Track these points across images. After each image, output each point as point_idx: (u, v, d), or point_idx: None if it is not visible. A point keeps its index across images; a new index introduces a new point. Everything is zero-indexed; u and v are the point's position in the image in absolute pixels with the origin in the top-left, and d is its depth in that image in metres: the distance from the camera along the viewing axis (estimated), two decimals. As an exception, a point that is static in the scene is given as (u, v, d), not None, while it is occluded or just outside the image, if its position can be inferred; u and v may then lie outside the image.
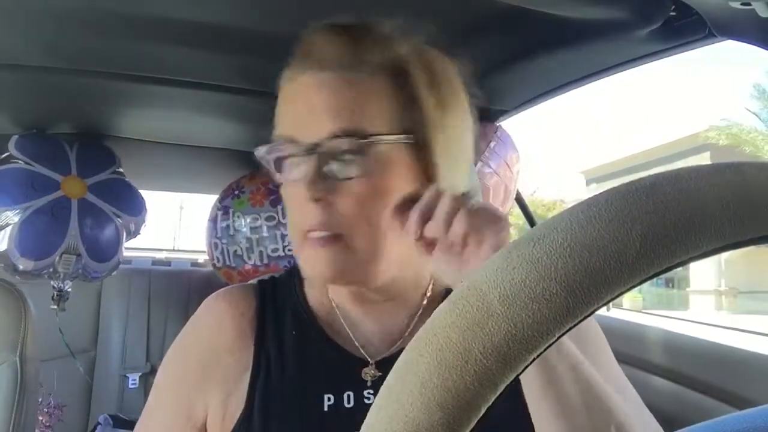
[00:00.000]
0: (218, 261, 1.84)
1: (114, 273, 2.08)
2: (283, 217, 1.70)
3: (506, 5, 0.96)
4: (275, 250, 1.77)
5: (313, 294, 0.72)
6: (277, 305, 0.71)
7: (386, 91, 0.62)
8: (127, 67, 1.33)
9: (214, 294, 0.73)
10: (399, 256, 0.64)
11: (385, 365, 0.66)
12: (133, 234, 1.80)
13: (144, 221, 1.82)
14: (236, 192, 1.86)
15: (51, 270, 1.60)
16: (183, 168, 2.13)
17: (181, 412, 0.67)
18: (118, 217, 1.71)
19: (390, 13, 0.66)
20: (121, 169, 1.78)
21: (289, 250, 1.75)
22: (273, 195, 1.75)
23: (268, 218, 1.76)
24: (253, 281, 0.75)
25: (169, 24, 1.12)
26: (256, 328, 0.68)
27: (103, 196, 1.69)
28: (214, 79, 1.40)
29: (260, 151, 0.65)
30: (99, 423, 1.73)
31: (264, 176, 1.82)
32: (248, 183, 1.85)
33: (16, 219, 1.54)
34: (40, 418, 1.67)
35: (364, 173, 0.60)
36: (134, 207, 1.78)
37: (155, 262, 2.37)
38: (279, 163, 0.64)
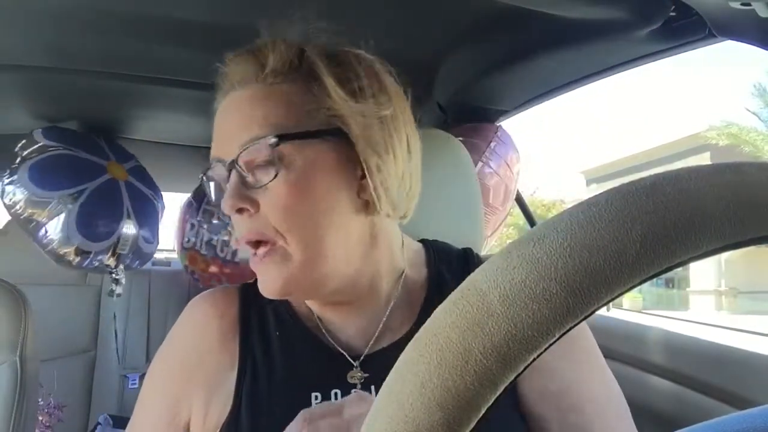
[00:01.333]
0: (188, 242, 1.84)
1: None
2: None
3: (506, 5, 0.96)
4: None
5: None
6: (261, 307, 0.71)
7: (294, 93, 0.62)
8: (128, 67, 1.34)
9: (196, 297, 0.74)
10: (346, 256, 0.63)
11: (369, 362, 0.66)
12: (161, 218, 1.84)
13: (164, 206, 1.86)
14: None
15: (106, 255, 1.61)
16: (182, 168, 2.13)
17: (165, 414, 0.67)
18: (155, 199, 1.76)
19: (391, 13, 0.66)
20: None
21: None
22: None
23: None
24: (236, 285, 0.75)
25: (170, 24, 1.12)
26: (240, 329, 0.69)
27: (140, 180, 1.74)
28: (214, 79, 1.39)
29: (203, 179, 0.68)
30: (99, 423, 1.73)
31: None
32: None
33: (72, 204, 1.54)
34: (40, 418, 1.67)
35: (282, 176, 0.59)
36: (158, 192, 1.83)
37: (155, 262, 2.37)
38: (215, 184, 0.67)
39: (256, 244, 0.62)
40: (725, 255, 2.00)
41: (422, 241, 0.77)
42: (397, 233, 0.72)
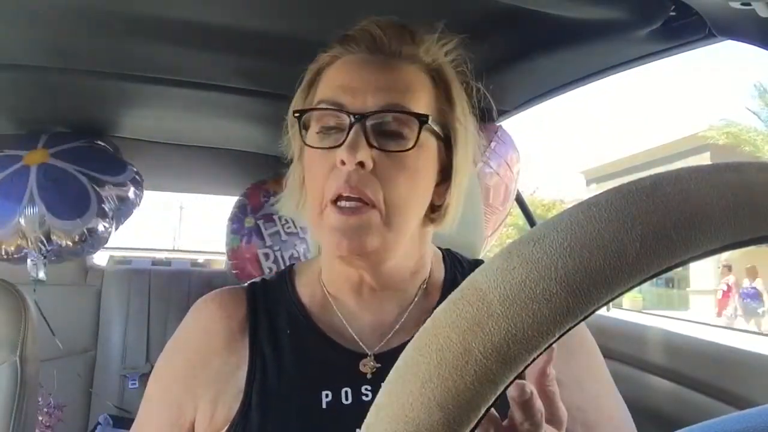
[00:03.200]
0: (270, 270, 1.85)
1: (114, 273, 2.09)
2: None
3: (506, 5, 0.96)
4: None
5: (305, 292, 0.72)
6: (270, 305, 0.71)
7: (427, 84, 0.66)
8: (128, 67, 1.34)
9: (203, 297, 0.74)
10: (410, 243, 0.67)
11: (382, 358, 0.66)
12: (127, 201, 1.74)
13: (134, 184, 1.76)
14: (266, 199, 1.87)
15: (21, 241, 1.57)
16: (184, 168, 2.13)
17: (170, 414, 0.67)
18: (84, 175, 1.65)
19: (392, 13, 0.67)
20: (100, 142, 1.76)
21: None
22: None
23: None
24: (243, 284, 0.76)
25: (170, 24, 1.12)
26: (249, 329, 0.69)
27: (67, 159, 1.66)
28: (216, 79, 1.40)
29: (295, 113, 0.66)
30: (99, 423, 1.73)
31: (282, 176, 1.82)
32: (277, 186, 1.85)
33: None
34: (40, 418, 1.67)
35: (406, 150, 0.62)
36: (114, 169, 1.72)
37: (155, 262, 2.37)
38: (318, 126, 0.65)
39: (349, 200, 0.61)
40: (725, 255, 1.99)
41: (438, 248, 0.79)
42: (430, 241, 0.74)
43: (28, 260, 1.61)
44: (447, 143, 0.67)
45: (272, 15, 1.08)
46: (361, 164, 0.60)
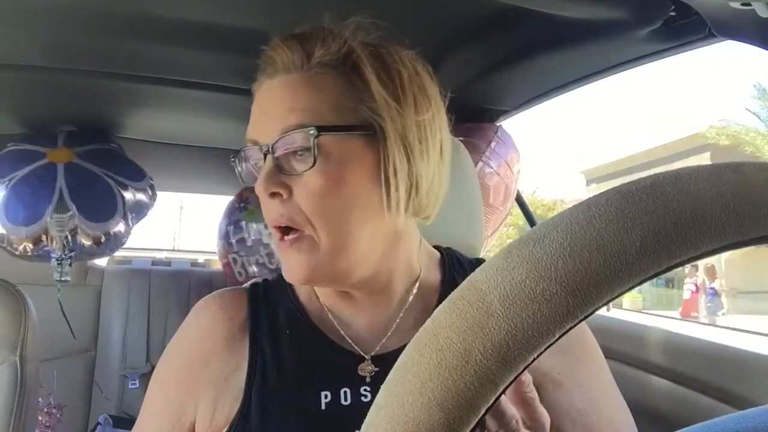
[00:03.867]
0: (240, 275, 1.86)
1: (114, 273, 2.09)
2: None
3: (506, 5, 0.96)
4: None
5: (303, 294, 0.72)
6: (270, 306, 0.71)
7: (337, 86, 0.63)
8: (128, 67, 1.34)
9: (204, 298, 0.74)
10: (370, 251, 0.65)
11: (380, 361, 0.66)
12: (142, 205, 1.77)
13: (151, 193, 1.79)
14: (241, 204, 1.89)
15: (46, 238, 1.56)
16: (183, 168, 2.13)
17: (171, 413, 0.67)
18: (110, 178, 1.67)
19: (391, 13, 0.66)
20: (113, 145, 1.77)
21: None
22: None
23: None
24: (246, 285, 0.76)
25: (170, 24, 1.12)
26: (249, 329, 0.69)
27: (92, 160, 1.67)
28: (214, 79, 1.40)
29: (234, 160, 0.68)
30: (99, 423, 1.73)
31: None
32: (250, 194, 1.87)
33: (3, 191, 1.52)
34: (40, 418, 1.67)
35: (318, 167, 0.60)
36: (132, 172, 1.74)
37: (155, 262, 2.38)
38: (246, 166, 0.67)
39: (285, 230, 0.62)
40: (725, 255, 2.00)
41: (436, 247, 0.78)
42: (417, 235, 0.73)
43: (53, 260, 1.61)
44: (377, 136, 0.62)
45: (274, 14, 1.08)
46: (273, 195, 0.61)
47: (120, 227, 1.67)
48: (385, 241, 0.66)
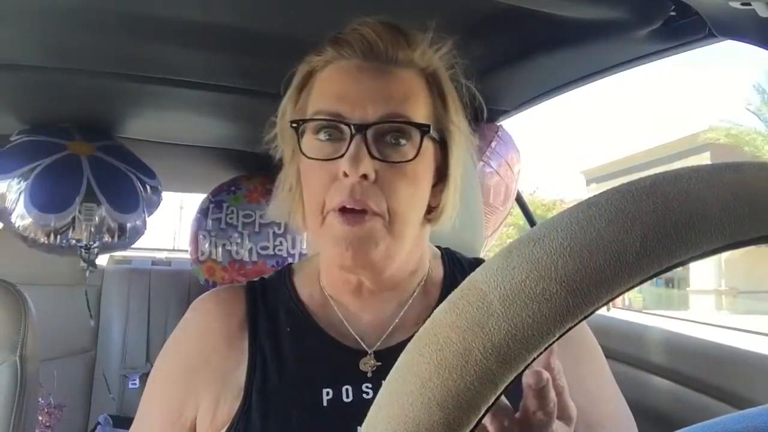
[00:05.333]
0: (202, 255, 1.83)
1: (114, 273, 2.09)
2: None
3: (506, 5, 0.96)
4: (264, 247, 1.78)
5: (305, 291, 0.72)
6: (269, 304, 0.71)
7: (423, 90, 0.66)
8: (128, 67, 1.34)
9: (201, 296, 0.74)
10: (410, 247, 0.67)
11: (382, 356, 0.66)
12: (154, 202, 1.79)
13: (159, 191, 1.82)
14: (232, 188, 1.87)
15: (72, 230, 1.58)
16: (183, 168, 2.13)
17: (171, 413, 0.67)
18: (132, 173, 1.70)
19: (390, 13, 0.67)
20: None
21: (279, 249, 1.76)
22: (270, 195, 1.75)
23: (263, 216, 1.77)
24: (242, 283, 0.75)
25: (170, 24, 1.12)
26: (248, 327, 0.69)
27: (113, 155, 1.69)
28: (214, 79, 1.40)
29: (293, 124, 0.65)
30: (99, 423, 1.73)
31: (263, 177, 1.83)
32: (246, 182, 1.87)
33: (27, 180, 1.52)
34: (40, 418, 1.67)
35: (416, 162, 0.63)
36: (146, 172, 1.78)
37: (155, 262, 2.37)
38: (315, 136, 0.64)
39: (353, 211, 0.61)
40: (725, 255, 1.99)
41: (437, 247, 0.79)
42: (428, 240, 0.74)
43: (80, 249, 1.63)
44: (442, 145, 0.68)
45: (274, 14, 1.08)
46: (364, 176, 0.60)
47: (140, 221, 1.70)
48: (419, 239, 0.70)
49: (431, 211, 0.69)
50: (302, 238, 1.76)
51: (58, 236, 1.58)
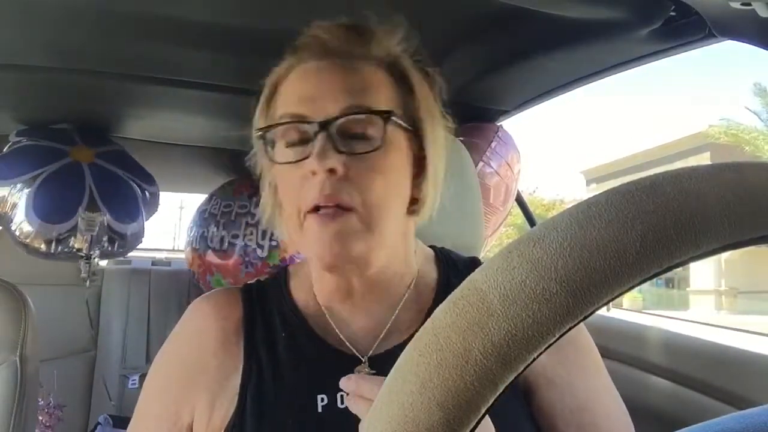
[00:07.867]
0: (190, 244, 1.90)
1: (114, 273, 2.09)
2: (255, 207, 1.73)
3: (506, 5, 0.96)
4: (235, 236, 1.81)
5: (300, 296, 0.72)
6: (265, 308, 0.71)
7: (385, 80, 0.66)
8: (127, 67, 1.34)
9: (197, 299, 0.73)
10: (392, 240, 0.66)
11: (376, 362, 0.66)
12: (152, 206, 1.80)
13: (157, 195, 1.83)
14: (226, 185, 1.94)
15: (73, 239, 1.58)
16: (182, 168, 2.13)
17: (167, 417, 0.67)
18: (131, 180, 1.71)
19: (390, 12, 0.67)
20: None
21: (249, 239, 1.78)
22: (254, 189, 1.79)
23: (241, 206, 1.82)
24: (238, 286, 0.75)
25: (170, 24, 1.12)
26: (244, 331, 0.69)
27: (113, 162, 1.69)
28: (214, 79, 1.40)
29: (259, 132, 0.66)
30: (99, 423, 1.73)
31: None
32: (241, 179, 1.91)
33: (30, 188, 1.52)
34: (40, 418, 1.67)
35: (383, 151, 0.62)
36: (146, 178, 1.79)
37: (155, 262, 2.37)
38: (284, 141, 0.64)
39: (327, 208, 0.61)
40: (725, 255, 1.99)
41: (431, 247, 0.78)
42: (414, 234, 0.73)
43: (80, 259, 1.64)
44: (416, 134, 0.66)
45: (274, 14, 1.08)
46: (332, 171, 0.60)
47: (140, 228, 1.71)
48: (404, 233, 0.69)
49: (414, 203, 0.67)
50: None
51: (59, 245, 1.58)
